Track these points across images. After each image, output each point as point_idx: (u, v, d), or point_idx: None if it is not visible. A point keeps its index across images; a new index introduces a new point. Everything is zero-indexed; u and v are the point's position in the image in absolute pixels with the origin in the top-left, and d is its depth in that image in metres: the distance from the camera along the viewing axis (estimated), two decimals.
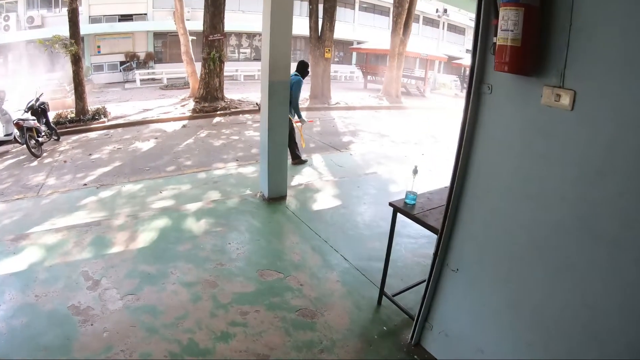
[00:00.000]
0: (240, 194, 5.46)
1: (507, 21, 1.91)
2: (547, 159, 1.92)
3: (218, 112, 12.31)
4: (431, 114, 16.52)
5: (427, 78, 25.36)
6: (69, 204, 5.23)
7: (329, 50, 14.89)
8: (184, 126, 10.79)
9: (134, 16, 22.95)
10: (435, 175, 7.37)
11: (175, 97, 15.25)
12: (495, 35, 2.00)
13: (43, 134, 8.53)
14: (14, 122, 8.02)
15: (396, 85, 18.37)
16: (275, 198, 5.18)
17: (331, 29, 14.77)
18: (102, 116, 11.01)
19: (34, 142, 8.01)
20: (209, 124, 11.03)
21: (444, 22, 35.09)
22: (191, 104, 12.94)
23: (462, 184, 2.39)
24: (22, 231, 4.29)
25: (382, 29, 31.94)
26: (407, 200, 3.01)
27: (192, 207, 4.92)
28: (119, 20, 22.53)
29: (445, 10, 29.41)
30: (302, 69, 6.93)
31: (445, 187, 3.37)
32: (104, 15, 22.13)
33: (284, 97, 4.99)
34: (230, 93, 15.38)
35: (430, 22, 34.60)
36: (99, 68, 22.36)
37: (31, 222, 4.59)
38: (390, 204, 3.01)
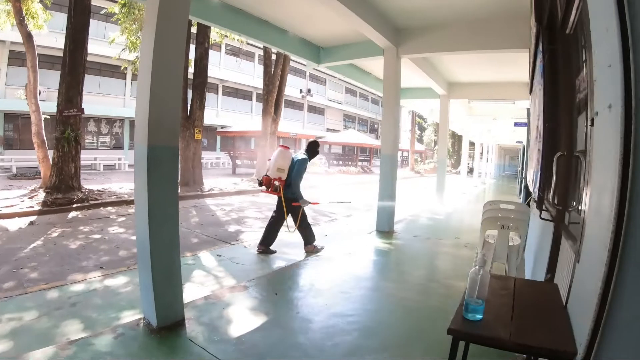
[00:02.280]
0: (112, 325, 3.38)
1: None
2: None
3: (74, 206, 9.67)
4: (310, 193, 15.90)
5: None
6: None
7: (200, 131, 13.43)
8: (31, 223, 7.98)
9: None
10: (362, 254, 6.29)
11: (25, 188, 11.95)
12: None
13: None
14: None
15: None
16: (169, 326, 3.25)
17: (201, 107, 13.41)
18: None
19: None
20: (63, 220, 8.42)
21: (306, 104, 36.59)
22: (41, 196, 10.12)
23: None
24: None
25: (245, 113, 31.93)
26: (471, 316, 1.71)
27: (39, 355, 2.83)
28: None
29: (309, 91, 30.38)
30: (313, 148, 6.46)
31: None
32: None
33: (171, 170, 3.36)
34: (89, 184, 12.82)
35: (292, 104, 35.68)
36: None
37: None
38: (451, 331, 1.66)
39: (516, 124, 13.88)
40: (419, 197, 14.90)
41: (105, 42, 15.87)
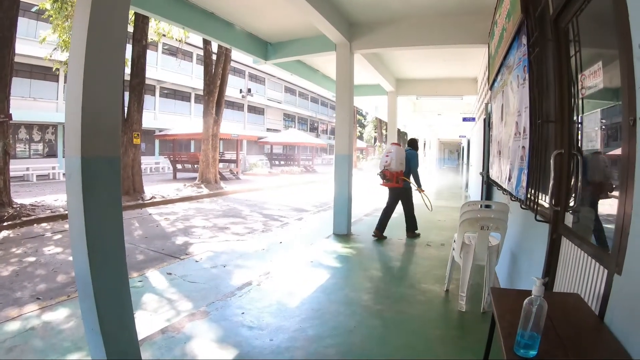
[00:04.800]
0: None
1: None
2: None
3: (4, 224, 8.57)
4: (256, 195, 15.59)
5: (239, 160, 24.54)
6: None
7: (138, 135, 12.48)
8: None
9: None
10: (325, 262, 5.88)
11: None
12: None
13: None
14: None
15: (214, 170, 16.74)
16: None
17: (139, 109, 12.43)
18: None
19: None
20: None
21: (246, 104, 35.93)
22: None
23: None
24: None
25: (184, 114, 30.75)
26: (524, 352, 1.45)
27: None
28: None
29: (249, 90, 29.64)
30: (414, 144, 7.71)
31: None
32: None
33: (113, 187, 2.72)
34: (21, 197, 11.66)
35: (232, 105, 34.82)
36: None
37: None
38: None
39: (465, 119, 14.08)
40: (369, 195, 14.77)
41: (36, 41, 14.54)
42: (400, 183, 7.05)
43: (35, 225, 8.99)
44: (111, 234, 2.71)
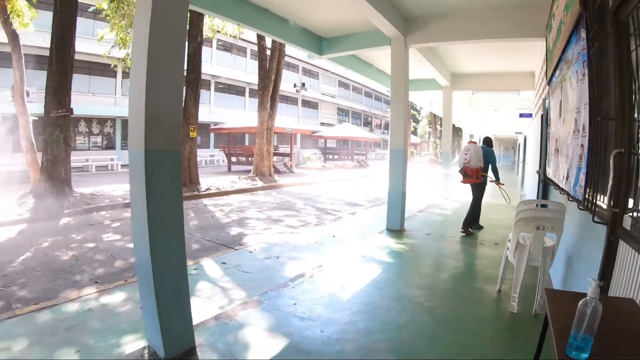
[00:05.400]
0: (114, 354, 3.03)
1: None
2: None
3: (65, 212, 9.24)
4: (310, 189, 15.74)
5: (293, 153, 24.86)
6: None
7: (194, 128, 13.02)
8: (20, 232, 7.54)
9: None
10: (377, 257, 5.94)
11: (15, 192, 10.75)
12: None
13: None
14: None
15: (268, 163, 17.09)
16: (179, 357, 2.89)
17: (195, 104, 12.99)
18: None
19: None
20: (54, 228, 7.86)
21: (300, 99, 36.30)
22: (31, 202, 9.56)
23: None
24: None
25: (238, 109, 31.44)
26: (575, 354, 1.44)
27: None
28: None
29: (303, 85, 29.93)
30: (489, 142, 8.08)
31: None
32: None
33: (174, 179, 2.91)
34: (81, 187, 12.42)
35: (286, 99, 35.26)
36: None
37: None
38: None
39: (521, 115, 13.56)
40: (423, 191, 14.58)
41: (94, 39, 15.49)
42: (480, 179, 7.28)
43: (94, 213, 9.60)
44: (172, 222, 2.91)
